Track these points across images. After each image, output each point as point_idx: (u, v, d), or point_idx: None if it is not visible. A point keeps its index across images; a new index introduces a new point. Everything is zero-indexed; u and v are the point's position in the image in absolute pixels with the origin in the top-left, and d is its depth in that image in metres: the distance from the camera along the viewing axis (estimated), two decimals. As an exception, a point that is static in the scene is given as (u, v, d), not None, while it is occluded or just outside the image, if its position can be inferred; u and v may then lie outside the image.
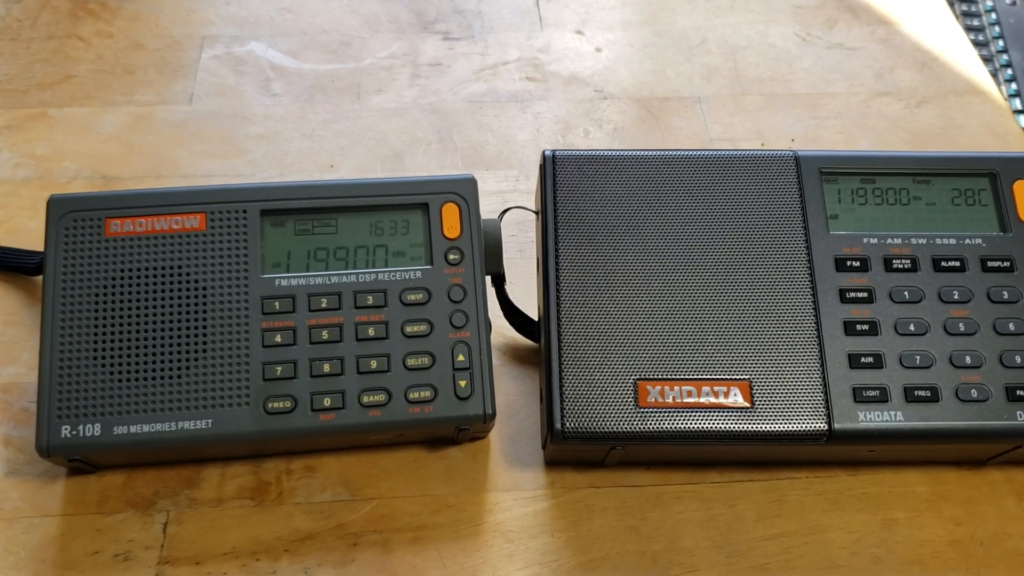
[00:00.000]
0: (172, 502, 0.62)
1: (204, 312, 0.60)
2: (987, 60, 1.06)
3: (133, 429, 0.58)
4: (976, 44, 1.06)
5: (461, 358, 0.61)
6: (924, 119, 0.88)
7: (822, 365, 0.60)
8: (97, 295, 0.60)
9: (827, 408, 0.59)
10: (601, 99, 0.89)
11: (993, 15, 1.12)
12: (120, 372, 0.58)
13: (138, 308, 0.60)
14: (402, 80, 0.89)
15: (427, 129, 0.85)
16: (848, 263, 0.63)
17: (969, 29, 1.10)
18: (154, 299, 0.60)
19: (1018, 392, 0.60)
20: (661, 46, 0.94)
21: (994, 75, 1.04)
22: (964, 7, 1.12)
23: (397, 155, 0.83)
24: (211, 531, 0.61)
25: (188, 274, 0.61)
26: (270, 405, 0.59)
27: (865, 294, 0.62)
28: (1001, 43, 1.09)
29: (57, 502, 0.62)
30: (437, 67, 0.90)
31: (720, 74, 0.91)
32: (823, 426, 0.59)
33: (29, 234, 0.75)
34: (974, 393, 0.60)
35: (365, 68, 0.90)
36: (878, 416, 0.59)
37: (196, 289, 0.60)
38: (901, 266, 0.63)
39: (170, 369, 0.59)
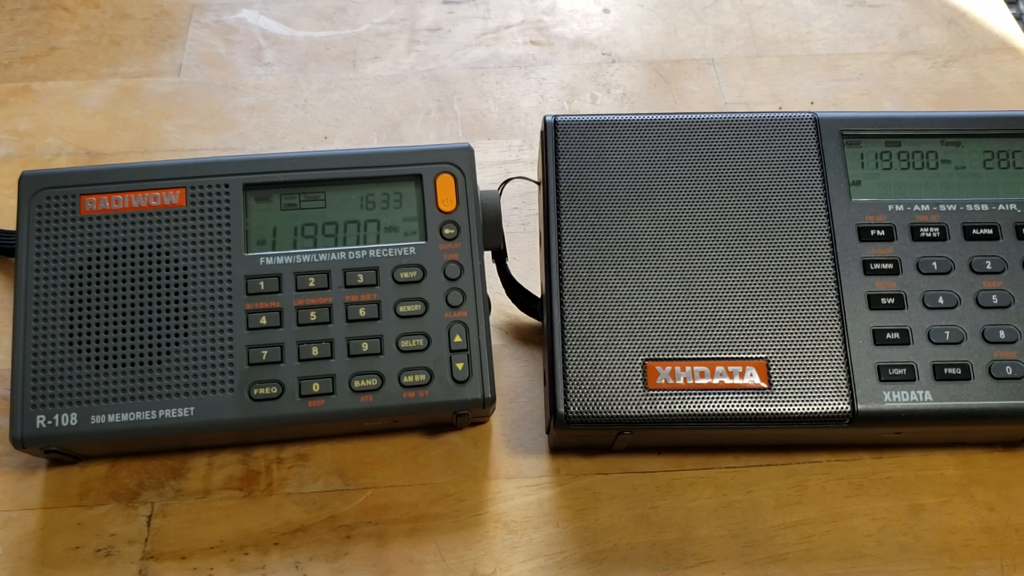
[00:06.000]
0: (157, 493, 0.60)
1: (185, 293, 0.57)
2: (1018, 18, 1.02)
3: (111, 418, 0.55)
4: None
5: (458, 339, 0.58)
6: (952, 79, 0.85)
7: (844, 342, 0.58)
8: (72, 277, 0.57)
9: (850, 388, 0.57)
10: (609, 63, 0.85)
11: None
12: (97, 358, 0.56)
13: (115, 290, 0.57)
14: (400, 46, 0.85)
15: (426, 97, 0.82)
16: (872, 232, 0.60)
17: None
18: (132, 280, 0.57)
19: (1056, 369, 0.58)
20: (672, 6, 0.90)
21: (1025, 31, 1.00)
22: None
23: (394, 125, 0.80)
24: (197, 524, 0.59)
25: (168, 253, 0.58)
26: (255, 391, 0.56)
27: (890, 265, 0.60)
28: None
29: (37, 495, 0.60)
30: (436, 32, 0.87)
31: (735, 35, 0.88)
32: (846, 407, 0.57)
33: (11, 213, 0.72)
34: (1009, 370, 0.57)
35: (361, 34, 0.86)
36: (905, 396, 0.57)
37: (176, 269, 0.58)
38: (929, 235, 0.60)
39: (149, 354, 0.56)
